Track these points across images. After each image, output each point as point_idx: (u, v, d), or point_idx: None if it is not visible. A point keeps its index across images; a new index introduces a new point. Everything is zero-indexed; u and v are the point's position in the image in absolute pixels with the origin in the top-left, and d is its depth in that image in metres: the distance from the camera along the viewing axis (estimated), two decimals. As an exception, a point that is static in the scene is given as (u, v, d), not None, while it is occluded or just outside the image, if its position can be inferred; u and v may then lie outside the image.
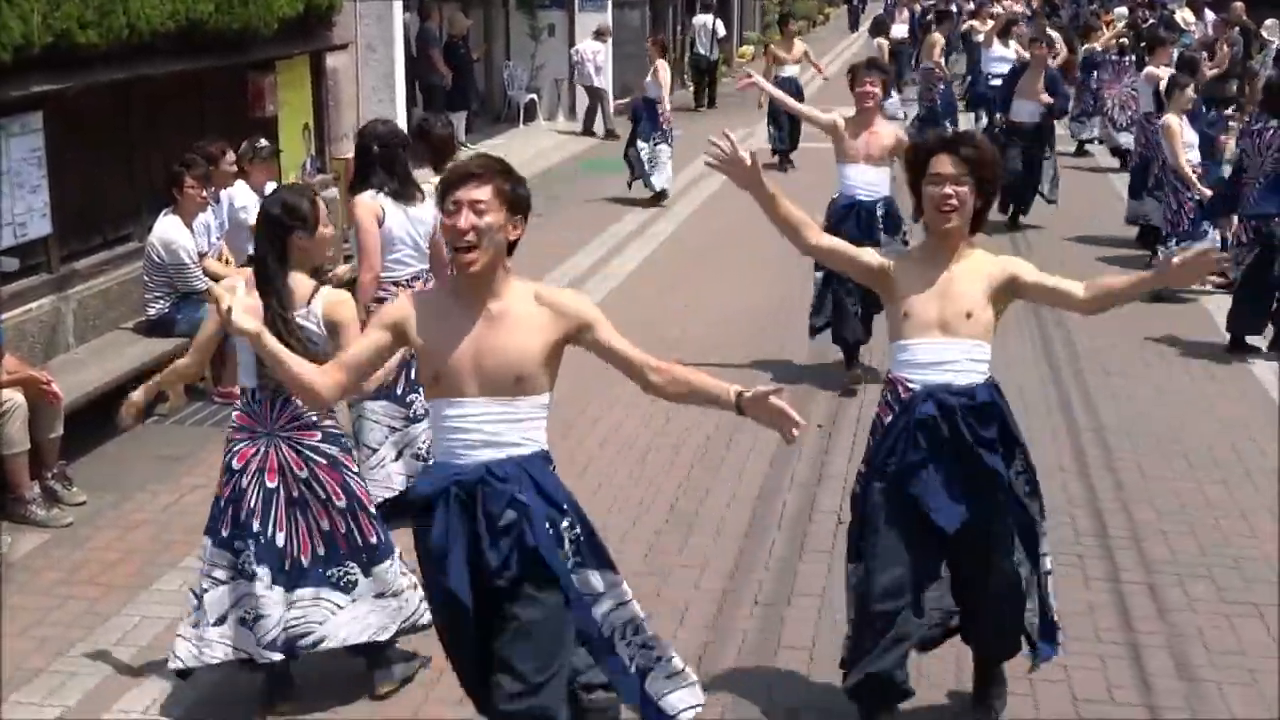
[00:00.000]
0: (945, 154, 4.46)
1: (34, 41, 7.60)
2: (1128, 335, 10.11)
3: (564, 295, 4.05)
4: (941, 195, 4.44)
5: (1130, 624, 5.75)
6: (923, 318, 4.48)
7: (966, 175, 4.43)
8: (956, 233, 4.49)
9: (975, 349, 4.49)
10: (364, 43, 13.42)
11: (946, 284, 4.47)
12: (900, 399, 4.52)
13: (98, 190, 8.82)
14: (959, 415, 4.42)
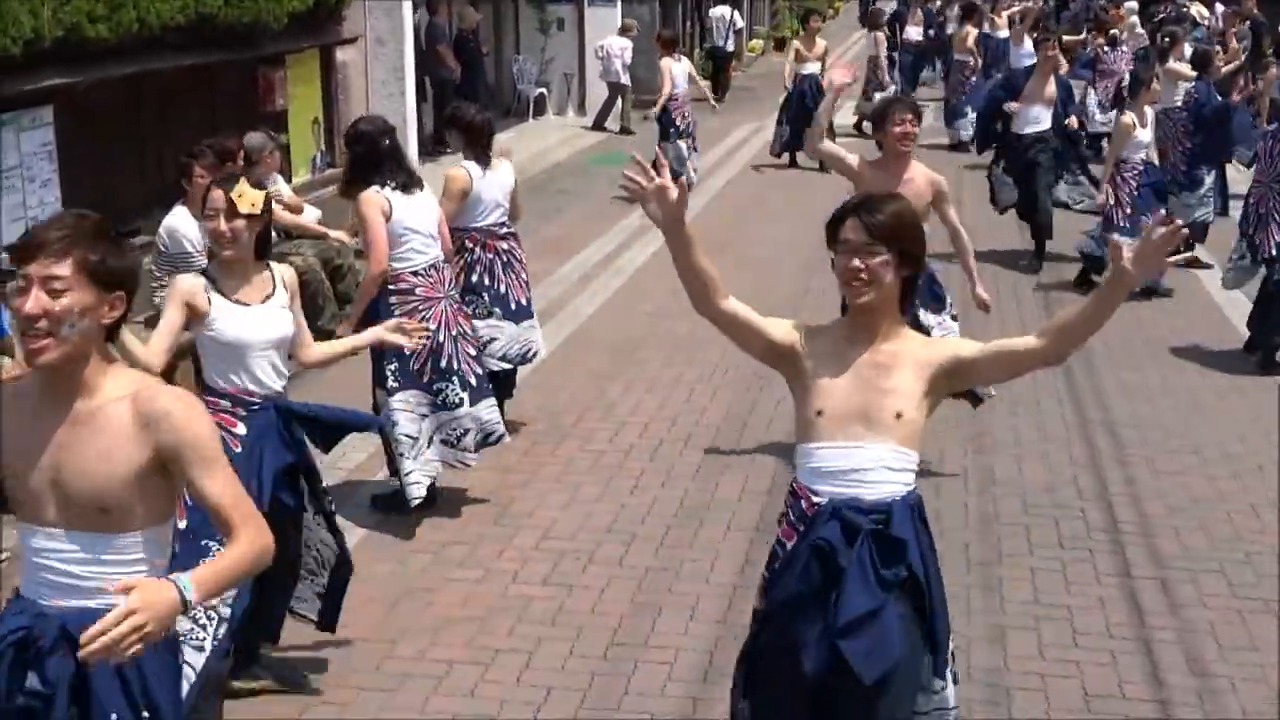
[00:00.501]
0: (853, 219, 3.76)
1: (44, 35, 7.63)
2: (1139, 330, 10.10)
3: (166, 399, 3.08)
4: (848, 268, 3.74)
5: (1141, 619, 5.74)
6: (839, 414, 3.73)
7: (879, 245, 3.70)
8: (878, 310, 3.75)
9: (898, 456, 3.72)
10: (373, 37, 13.43)
11: (871, 374, 3.73)
12: (804, 514, 3.77)
13: (108, 184, 8.84)
14: (863, 545, 3.65)
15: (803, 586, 3.70)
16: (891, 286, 3.74)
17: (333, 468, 7.42)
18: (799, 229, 13.52)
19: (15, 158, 7.75)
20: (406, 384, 6.54)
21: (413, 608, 5.83)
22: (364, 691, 5.17)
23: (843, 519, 3.67)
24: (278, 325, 5.00)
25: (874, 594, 3.62)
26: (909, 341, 3.81)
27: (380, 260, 6.49)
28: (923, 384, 3.71)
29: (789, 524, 3.83)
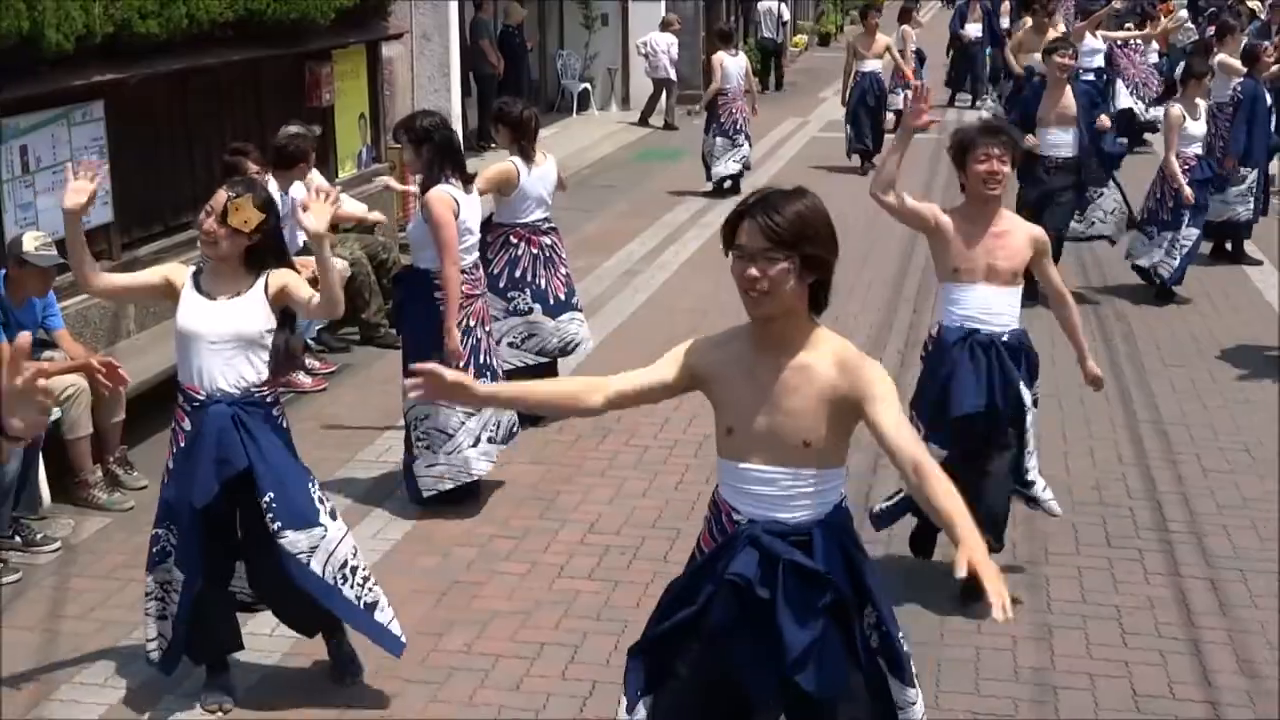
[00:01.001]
0: (750, 221, 3.43)
1: (96, 31, 7.68)
2: (1188, 327, 10.02)
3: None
4: (745, 276, 3.43)
5: (1191, 619, 5.69)
6: (748, 433, 3.52)
7: (779, 251, 3.38)
8: (781, 320, 3.48)
9: (814, 479, 3.52)
10: (419, 32, 13.49)
11: (779, 393, 3.48)
12: (724, 528, 3.63)
13: (158, 178, 8.89)
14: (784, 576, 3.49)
15: (721, 617, 3.56)
16: (794, 295, 3.44)
17: (377, 461, 7.47)
18: (846, 222, 13.46)
19: (66, 151, 7.81)
20: None
21: (459, 601, 5.85)
22: (410, 684, 5.19)
23: (761, 547, 3.50)
24: (238, 320, 4.79)
25: (809, 626, 3.48)
26: (820, 354, 3.50)
27: (455, 260, 6.46)
28: (827, 411, 3.46)
29: (710, 532, 3.70)
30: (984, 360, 5.55)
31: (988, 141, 5.52)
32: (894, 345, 9.56)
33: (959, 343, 5.57)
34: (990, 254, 5.53)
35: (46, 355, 6.88)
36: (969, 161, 5.54)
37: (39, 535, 6.34)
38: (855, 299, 10.79)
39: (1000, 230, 5.57)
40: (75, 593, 5.95)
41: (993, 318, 5.59)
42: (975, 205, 5.60)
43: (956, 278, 5.59)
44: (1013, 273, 5.57)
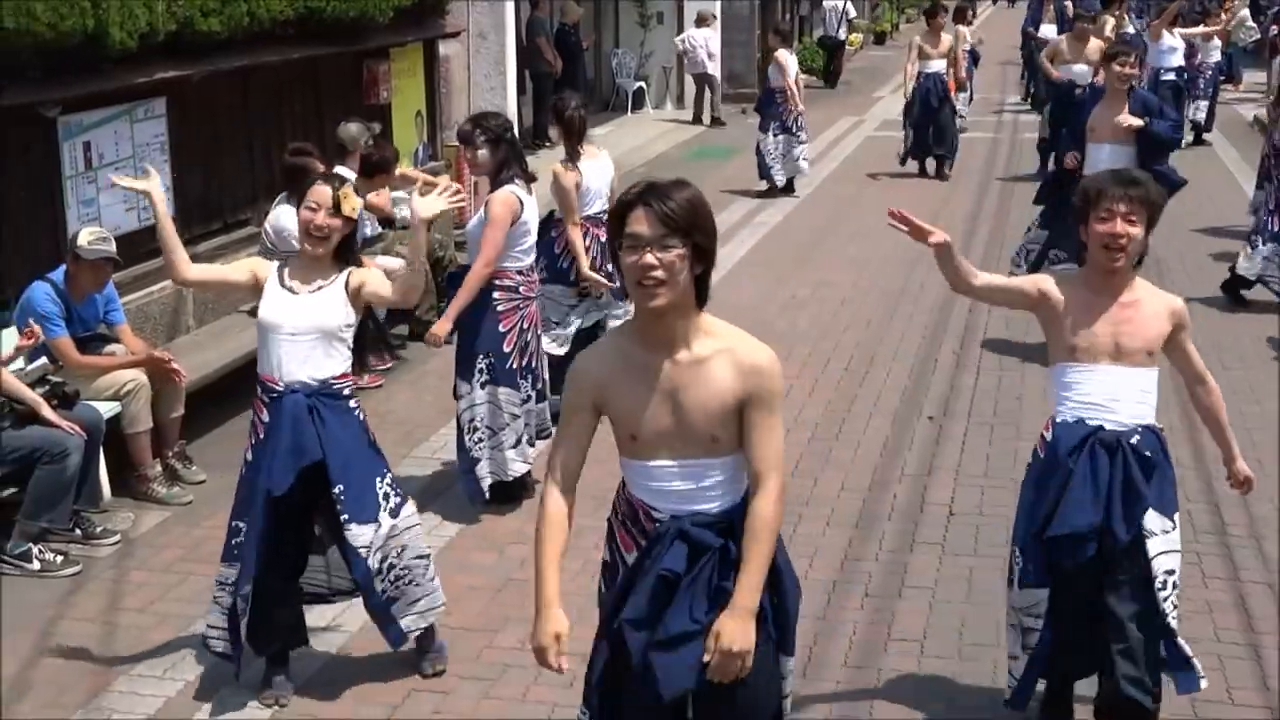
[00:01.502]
0: (642, 209, 3.34)
1: (159, 29, 7.77)
2: (1248, 328, 9.90)
3: None
4: (640, 265, 3.32)
5: (1250, 624, 5.63)
6: (652, 435, 3.47)
7: (674, 237, 3.32)
8: (672, 313, 3.39)
9: (725, 467, 3.51)
10: (475, 30, 13.53)
11: (676, 390, 3.43)
12: (645, 530, 3.56)
13: (218, 175, 8.99)
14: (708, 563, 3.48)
15: (649, 611, 3.49)
16: (687, 284, 3.37)
17: (432, 457, 7.51)
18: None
19: (129, 148, 7.92)
20: (500, 380, 6.59)
21: (513, 598, 5.87)
22: (464, 680, 5.22)
23: (690, 540, 3.47)
24: (318, 313, 4.87)
25: (696, 618, 3.44)
26: (714, 346, 3.45)
27: (491, 261, 6.51)
28: (726, 403, 3.43)
29: (627, 534, 3.61)
30: (1106, 468, 4.44)
31: (1113, 194, 4.43)
32: (949, 345, 9.51)
33: (1076, 449, 4.49)
34: (1117, 329, 4.48)
35: (108, 350, 6.98)
36: (1090, 218, 4.48)
37: (99, 529, 6.42)
38: (908, 298, 10.75)
39: (1130, 300, 4.52)
40: (134, 585, 6.02)
41: (1120, 407, 4.49)
42: (1095, 272, 4.55)
43: (1073, 358, 4.52)
44: (1145, 351, 4.50)
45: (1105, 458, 4.44)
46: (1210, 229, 13.30)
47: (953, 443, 7.65)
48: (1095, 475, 4.44)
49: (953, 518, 6.67)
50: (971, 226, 13.63)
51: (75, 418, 6.29)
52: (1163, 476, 4.51)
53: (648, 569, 3.50)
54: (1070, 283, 4.62)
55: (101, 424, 6.50)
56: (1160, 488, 4.48)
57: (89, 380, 6.67)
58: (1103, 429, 4.46)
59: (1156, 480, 4.47)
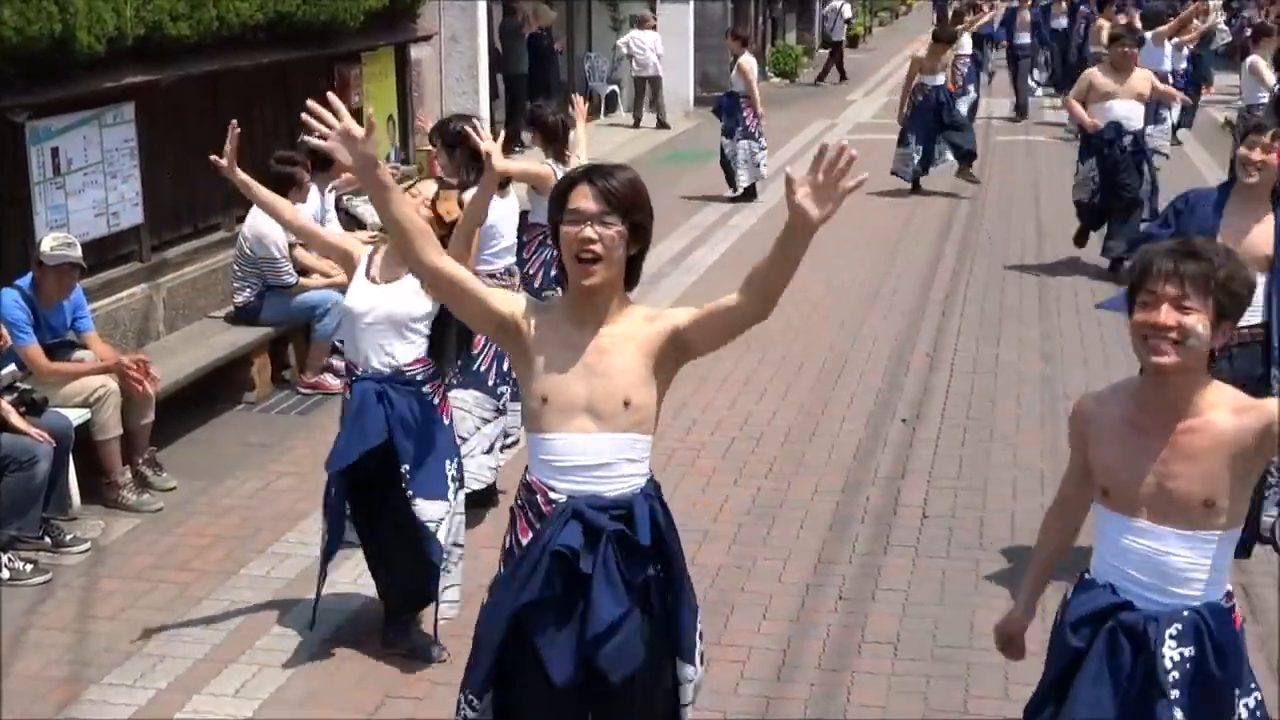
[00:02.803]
0: (584, 185, 3.40)
1: (127, 33, 7.73)
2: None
3: None
4: (579, 238, 3.37)
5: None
6: (565, 401, 3.45)
7: (614, 214, 3.37)
8: (605, 289, 3.43)
9: (634, 445, 3.48)
10: (447, 34, 13.52)
11: (595, 360, 3.43)
12: (542, 512, 3.51)
13: (187, 180, 8.94)
14: (606, 547, 3.43)
15: (545, 593, 3.46)
16: (621, 263, 3.43)
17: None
18: (871, 225, 13.45)
19: (98, 153, 7.87)
20: (468, 383, 6.53)
21: (486, 602, 5.85)
22: (438, 686, 5.19)
23: (584, 520, 3.44)
24: (393, 303, 5.17)
25: (620, 601, 3.44)
26: (633, 320, 3.49)
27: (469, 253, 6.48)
28: (648, 364, 3.45)
29: (525, 521, 3.56)
30: (1128, 663, 3.24)
31: (1162, 271, 3.17)
32: (922, 348, 9.53)
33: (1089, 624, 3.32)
34: (1164, 468, 3.19)
35: (77, 356, 6.93)
36: (1135, 300, 3.24)
37: (69, 536, 6.38)
38: (881, 301, 10.78)
39: (1193, 424, 3.20)
40: (104, 594, 5.98)
41: (1159, 581, 3.24)
42: (1145, 382, 3.34)
43: (1106, 501, 3.33)
44: (1203, 502, 3.17)
45: (1128, 648, 3.25)
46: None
47: (926, 445, 7.66)
48: (1114, 671, 3.25)
49: (926, 520, 6.68)
50: (940, 247, 13.68)
51: (44, 425, 6.25)
52: (1215, 689, 3.20)
53: (542, 549, 3.47)
54: (1120, 391, 3.42)
55: (71, 431, 6.46)
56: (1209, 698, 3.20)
57: (58, 387, 6.63)
58: (1129, 608, 3.26)
59: (1203, 696, 3.19)
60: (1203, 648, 3.19)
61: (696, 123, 20.98)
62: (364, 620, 5.68)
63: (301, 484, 7.15)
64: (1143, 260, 3.23)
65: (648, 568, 3.51)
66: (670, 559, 3.59)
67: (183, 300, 8.72)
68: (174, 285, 8.67)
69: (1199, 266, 3.14)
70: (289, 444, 7.74)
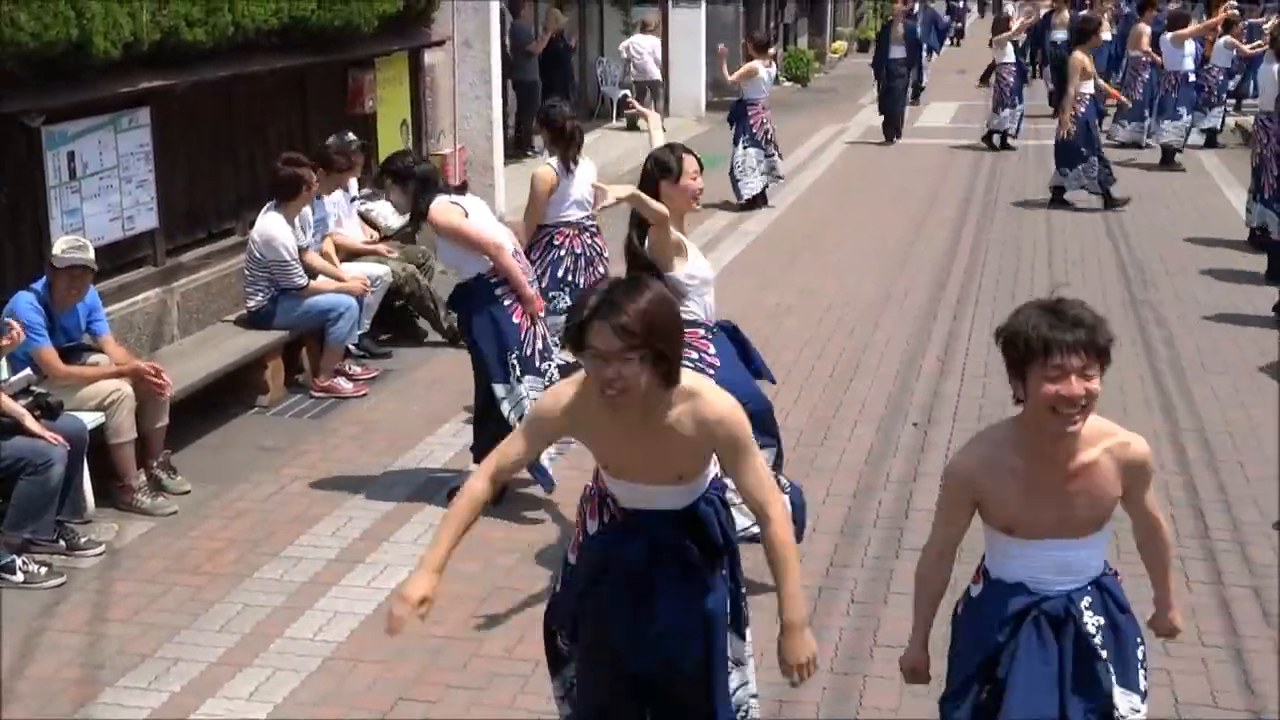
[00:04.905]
0: (599, 323, 3.46)
1: (143, 39, 7.76)
2: (1229, 333, 9.94)
3: None
4: (603, 378, 3.50)
5: (1234, 627, 5.65)
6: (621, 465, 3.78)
7: (631, 352, 3.45)
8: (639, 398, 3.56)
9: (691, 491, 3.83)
10: (461, 39, 13.53)
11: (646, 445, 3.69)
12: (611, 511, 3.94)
13: (202, 185, 8.98)
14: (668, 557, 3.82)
15: (615, 602, 3.81)
16: (648, 383, 3.52)
17: (418, 466, 7.50)
18: (881, 232, 13.45)
19: (113, 158, 7.90)
20: (526, 370, 6.70)
21: (500, 606, 5.87)
22: (451, 689, 5.21)
23: (647, 534, 3.80)
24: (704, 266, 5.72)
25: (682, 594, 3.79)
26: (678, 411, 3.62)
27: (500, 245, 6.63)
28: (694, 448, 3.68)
29: (597, 505, 3.95)
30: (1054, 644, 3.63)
31: (1065, 345, 3.38)
32: (933, 352, 9.53)
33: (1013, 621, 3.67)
34: (1064, 504, 3.58)
35: (92, 360, 6.96)
36: (1030, 374, 3.44)
37: (83, 539, 6.40)
38: (893, 305, 10.79)
39: (1082, 464, 3.56)
40: (119, 596, 6.00)
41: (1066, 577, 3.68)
42: (1043, 440, 3.53)
43: (1010, 534, 3.65)
44: (1097, 522, 3.64)
45: (1051, 633, 3.63)
46: (1200, 239, 13.36)
47: (937, 449, 7.66)
48: (1045, 657, 3.61)
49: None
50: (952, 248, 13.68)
51: (59, 428, 6.27)
52: (1123, 637, 3.70)
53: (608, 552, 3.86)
54: (1000, 446, 3.61)
55: (85, 434, 6.49)
56: (1121, 653, 3.68)
57: (72, 391, 6.66)
58: (1047, 600, 3.64)
59: (1117, 645, 3.67)
60: (1109, 612, 3.69)
61: (708, 127, 20.99)
62: (377, 623, 5.70)
63: (315, 487, 7.18)
64: (1038, 336, 3.38)
65: (708, 565, 3.83)
66: (733, 554, 3.90)
67: (196, 304, 8.75)
68: (188, 289, 8.70)
69: (1088, 334, 3.39)
70: (302, 448, 7.76)
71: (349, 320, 8.63)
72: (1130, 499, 3.67)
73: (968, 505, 3.68)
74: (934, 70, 29.48)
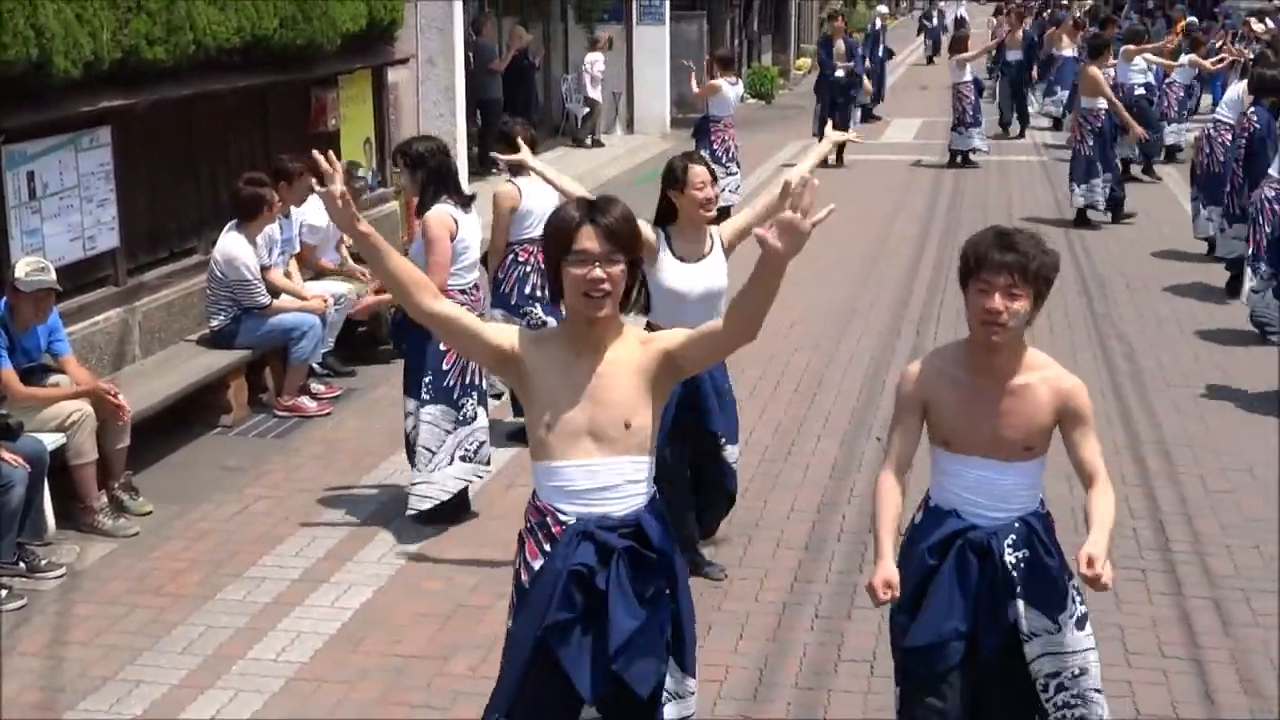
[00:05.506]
0: (588, 227, 3.56)
1: (104, 57, 7.73)
2: (1190, 346, 10.03)
3: None
4: (589, 279, 3.53)
5: (1194, 639, 5.69)
6: (570, 427, 3.59)
7: (619, 253, 3.56)
8: (607, 320, 3.61)
9: (636, 466, 3.65)
10: (424, 57, 13.54)
11: (596, 384, 3.59)
12: (552, 535, 3.66)
13: (163, 204, 8.94)
14: (618, 563, 3.61)
15: (565, 613, 3.62)
16: (619, 296, 3.62)
17: (381, 485, 7.48)
18: (845, 248, 13.51)
19: (74, 178, 7.86)
20: (438, 398, 6.68)
21: (464, 625, 5.86)
22: (415, 708, 5.20)
23: (595, 540, 3.62)
24: (709, 278, 5.85)
25: (636, 613, 3.62)
26: (628, 344, 3.66)
27: (443, 281, 6.54)
28: (645, 386, 3.63)
29: (535, 543, 3.70)
30: (975, 572, 4.01)
31: (994, 264, 3.84)
32: (897, 367, 9.56)
33: (941, 548, 4.06)
34: (996, 420, 3.96)
35: (52, 381, 6.92)
36: (969, 287, 3.92)
37: (44, 561, 6.36)
38: (857, 320, 10.83)
39: (1018, 385, 3.96)
40: (80, 619, 5.96)
41: (995, 503, 4.03)
42: (976, 351, 3.99)
43: (947, 447, 4.06)
44: (1024, 446, 3.98)
45: (975, 561, 3.99)
46: (1160, 252, 13.48)
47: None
48: (963, 580, 3.99)
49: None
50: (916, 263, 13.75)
51: (19, 450, 6.23)
52: (1045, 571, 4.00)
53: (558, 570, 3.62)
54: (948, 359, 4.07)
55: (46, 456, 6.44)
56: (1044, 584, 3.99)
57: (33, 412, 6.61)
58: (973, 529, 4.01)
59: (1037, 578, 3.98)
60: (1034, 547, 4.00)
61: (672, 144, 21.01)
62: (341, 644, 5.69)
63: (278, 507, 7.15)
64: (977, 252, 3.88)
65: (659, 580, 3.70)
66: (676, 572, 3.78)
67: (159, 324, 8.71)
68: (150, 309, 8.65)
69: (1020, 259, 3.81)
70: (265, 467, 7.74)
71: (312, 339, 8.61)
72: (1069, 442, 4.00)
73: (918, 411, 4.06)
74: (898, 87, 29.66)
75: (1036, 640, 3.98)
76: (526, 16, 19.95)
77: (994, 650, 3.99)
